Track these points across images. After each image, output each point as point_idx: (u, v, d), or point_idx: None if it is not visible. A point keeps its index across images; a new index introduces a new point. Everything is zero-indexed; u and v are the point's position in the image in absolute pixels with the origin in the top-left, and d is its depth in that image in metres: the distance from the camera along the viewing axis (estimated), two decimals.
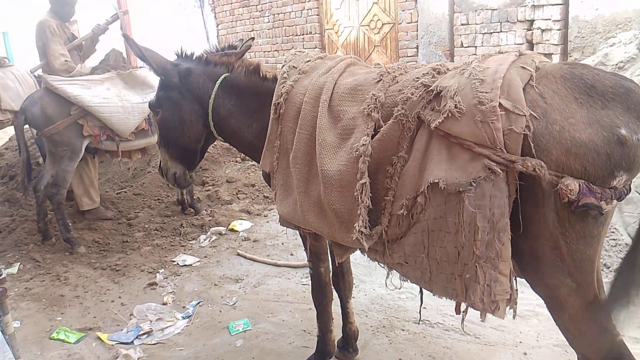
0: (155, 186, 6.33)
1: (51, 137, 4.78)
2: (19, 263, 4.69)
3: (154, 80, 5.05)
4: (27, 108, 4.77)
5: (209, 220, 5.47)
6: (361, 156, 2.00)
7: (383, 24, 7.08)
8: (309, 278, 2.89)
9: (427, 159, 1.86)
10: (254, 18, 9.28)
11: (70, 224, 4.97)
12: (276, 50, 8.98)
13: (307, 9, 8.09)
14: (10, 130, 6.56)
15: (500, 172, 1.67)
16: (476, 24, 5.76)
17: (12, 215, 5.66)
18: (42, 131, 4.75)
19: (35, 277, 4.44)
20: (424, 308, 3.42)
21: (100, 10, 13.05)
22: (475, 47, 5.83)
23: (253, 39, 4.66)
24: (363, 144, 2.00)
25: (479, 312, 1.81)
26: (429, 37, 6.38)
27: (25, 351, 3.33)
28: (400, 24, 6.77)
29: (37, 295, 4.13)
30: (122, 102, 4.92)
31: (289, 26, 8.57)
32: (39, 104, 4.75)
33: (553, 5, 4.99)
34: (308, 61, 2.49)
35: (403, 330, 3.34)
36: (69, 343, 3.45)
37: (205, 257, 4.75)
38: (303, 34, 8.32)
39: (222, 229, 5.28)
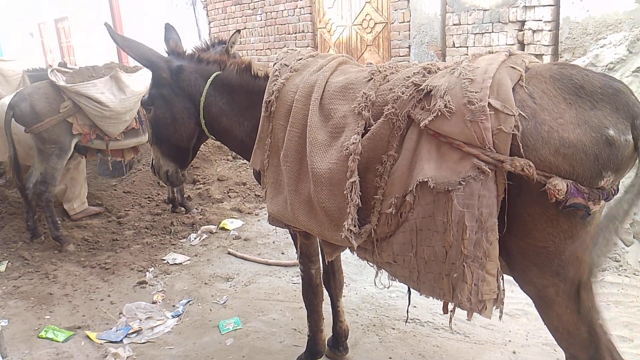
0: (145, 184, 6.30)
1: (39, 134, 4.74)
2: (7, 261, 4.65)
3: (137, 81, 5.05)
4: (15, 104, 4.72)
5: (200, 219, 5.45)
6: (351, 154, 1.99)
7: (375, 24, 7.08)
8: (300, 277, 2.89)
9: (417, 158, 1.86)
10: (246, 16, 9.25)
11: (59, 222, 4.93)
12: (268, 49, 8.96)
13: (300, 8, 8.08)
14: None
15: (489, 171, 1.67)
16: (468, 24, 5.78)
17: (0, 213, 5.61)
18: (30, 128, 4.71)
19: (24, 275, 4.41)
20: (414, 307, 3.45)
21: (91, 6, 13.02)
22: (467, 47, 5.85)
23: (239, 31, 4.68)
24: (353, 143, 2.00)
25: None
26: (421, 36, 6.39)
27: (13, 349, 3.30)
28: (392, 23, 6.78)
29: (25, 293, 4.10)
30: (113, 104, 4.88)
31: (282, 24, 8.55)
32: (28, 100, 4.71)
33: (544, 6, 5.02)
34: (300, 59, 2.48)
35: (393, 328, 3.35)
36: (58, 342, 3.42)
37: (196, 255, 4.73)
38: (295, 33, 8.31)
39: (212, 227, 5.27)
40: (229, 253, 4.73)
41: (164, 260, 4.63)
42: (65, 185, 5.46)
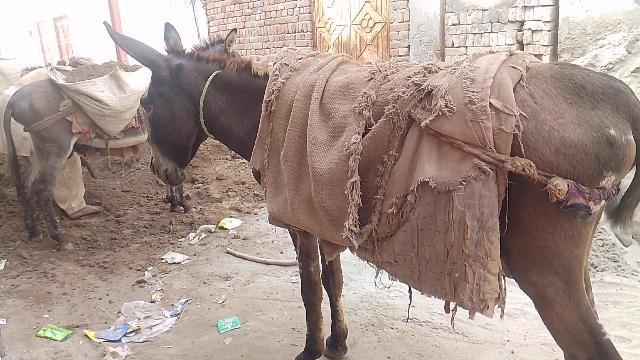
0: (144, 183, 6.30)
1: (38, 132, 4.73)
2: (5, 260, 4.64)
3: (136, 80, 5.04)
4: (15, 102, 4.70)
5: (199, 218, 5.44)
6: (352, 154, 1.99)
7: (375, 23, 7.09)
8: (299, 276, 2.88)
9: (418, 157, 1.86)
10: (245, 15, 9.24)
11: (57, 221, 4.92)
12: (267, 48, 8.96)
13: (299, 7, 8.08)
14: None
15: (490, 171, 1.67)
16: (467, 24, 5.79)
17: None
18: (29, 126, 4.69)
19: (22, 274, 4.40)
20: (413, 306, 3.44)
21: (90, 5, 13.00)
22: (466, 47, 5.86)
23: (235, 30, 4.71)
24: (354, 142, 2.00)
25: (467, 311, 1.81)
26: (420, 36, 6.39)
27: (12, 348, 3.30)
28: (391, 23, 6.78)
29: (23, 292, 4.09)
30: (113, 102, 4.87)
31: (281, 24, 8.55)
32: (27, 98, 4.69)
33: (543, 6, 5.02)
34: (300, 59, 2.48)
35: (392, 328, 3.35)
36: (56, 340, 3.42)
37: (195, 254, 4.73)
38: (295, 32, 8.31)
39: (211, 226, 5.26)
40: (228, 252, 4.73)
41: (163, 259, 4.62)
42: (63, 185, 5.45)
